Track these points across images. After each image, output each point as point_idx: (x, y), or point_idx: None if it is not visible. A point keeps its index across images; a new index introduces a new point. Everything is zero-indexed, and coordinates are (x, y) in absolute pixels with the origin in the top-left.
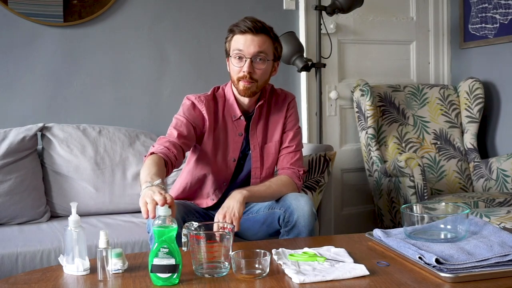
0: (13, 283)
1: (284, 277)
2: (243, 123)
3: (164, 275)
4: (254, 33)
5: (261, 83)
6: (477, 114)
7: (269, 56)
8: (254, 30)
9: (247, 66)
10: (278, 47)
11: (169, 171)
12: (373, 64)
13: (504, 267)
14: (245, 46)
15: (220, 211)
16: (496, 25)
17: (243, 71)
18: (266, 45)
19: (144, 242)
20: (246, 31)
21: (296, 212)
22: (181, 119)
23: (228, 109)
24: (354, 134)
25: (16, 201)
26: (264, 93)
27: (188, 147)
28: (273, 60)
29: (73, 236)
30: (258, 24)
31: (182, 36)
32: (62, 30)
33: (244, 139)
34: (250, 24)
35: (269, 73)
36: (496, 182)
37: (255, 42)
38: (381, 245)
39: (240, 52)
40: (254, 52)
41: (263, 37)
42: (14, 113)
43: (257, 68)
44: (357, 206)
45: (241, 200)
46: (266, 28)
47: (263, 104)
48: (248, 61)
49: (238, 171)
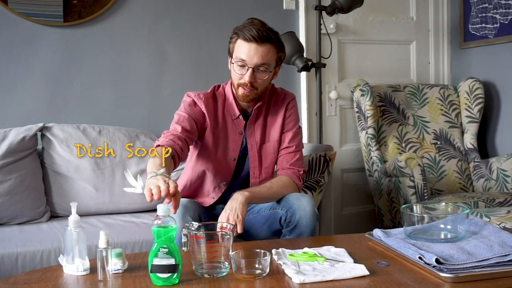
0: (13, 283)
1: (284, 277)
2: (242, 122)
3: (164, 275)
4: (259, 43)
5: (260, 90)
6: (477, 114)
7: (272, 66)
8: (259, 39)
9: (248, 75)
10: (282, 55)
11: (176, 162)
12: (373, 64)
13: (504, 267)
14: (249, 56)
15: (223, 213)
16: (496, 25)
17: (244, 79)
18: (270, 56)
19: (144, 242)
20: (250, 39)
21: (298, 212)
22: (183, 114)
23: (228, 108)
24: (354, 134)
25: (16, 201)
26: (263, 94)
27: (191, 141)
28: (275, 67)
29: (73, 236)
30: (264, 33)
31: (182, 36)
32: (62, 30)
33: (244, 138)
34: (255, 33)
35: (269, 80)
36: (496, 182)
37: (258, 53)
38: (381, 245)
39: (243, 62)
40: (257, 63)
41: (268, 47)
42: (14, 113)
43: (258, 78)
44: (357, 206)
45: (243, 202)
46: (272, 37)
47: (262, 104)
48: (250, 70)
49: (238, 170)
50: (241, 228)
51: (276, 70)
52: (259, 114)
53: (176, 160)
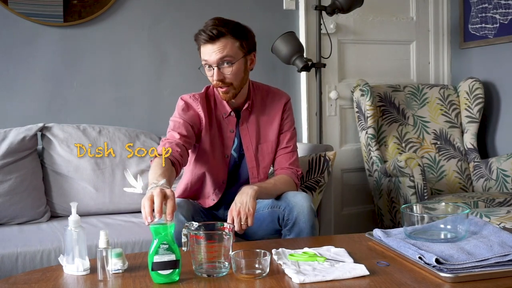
0: (13, 283)
1: (284, 277)
2: (233, 120)
3: (166, 271)
4: (212, 42)
5: (237, 83)
6: (477, 114)
7: (236, 56)
8: (211, 39)
9: (215, 74)
10: (244, 42)
11: (177, 169)
12: (373, 64)
13: (504, 267)
14: (208, 56)
15: (233, 207)
16: (496, 25)
17: (214, 79)
18: (228, 48)
19: (144, 242)
20: (205, 42)
21: (295, 209)
22: (178, 120)
23: (219, 107)
24: (354, 134)
25: (16, 201)
26: (252, 92)
27: (190, 146)
28: (245, 55)
29: (73, 236)
30: (212, 32)
31: (182, 36)
32: (62, 30)
33: (236, 136)
34: (206, 35)
35: (242, 71)
36: (496, 182)
37: (215, 50)
38: (381, 245)
39: (206, 63)
40: (217, 60)
41: (222, 42)
42: (14, 113)
43: (225, 73)
44: (357, 206)
45: (253, 195)
46: (221, 31)
47: (253, 104)
48: (215, 69)
49: (237, 171)
50: (252, 221)
51: (247, 59)
52: (251, 113)
53: (178, 168)
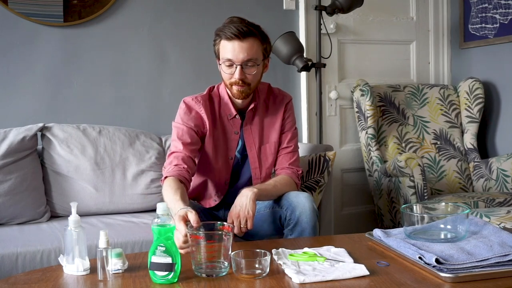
0: (13, 283)
1: (284, 277)
2: (238, 122)
3: (161, 273)
4: (241, 39)
5: (254, 84)
6: (477, 114)
7: (259, 59)
8: (241, 35)
9: (238, 73)
10: (268, 46)
11: (187, 186)
12: (373, 64)
13: (504, 267)
14: (234, 54)
15: (233, 209)
16: (496, 25)
17: (234, 78)
18: (255, 49)
19: (144, 242)
20: (232, 37)
21: (297, 209)
22: (181, 127)
23: (224, 108)
24: (354, 134)
25: (16, 201)
26: (257, 93)
27: (197, 152)
28: (263, 59)
29: (73, 236)
30: (244, 29)
31: (182, 36)
32: (62, 30)
33: (240, 138)
34: (236, 30)
35: (260, 74)
36: (496, 182)
37: (243, 48)
38: (381, 245)
39: (230, 61)
40: (243, 59)
41: (251, 41)
42: (14, 113)
43: (248, 73)
44: (357, 206)
45: (253, 198)
46: (252, 31)
47: (257, 105)
48: (238, 68)
49: (240, 172)
50: (251, 224)
51: (265, 63)
52: (255, 114)
53: (187, 184)
